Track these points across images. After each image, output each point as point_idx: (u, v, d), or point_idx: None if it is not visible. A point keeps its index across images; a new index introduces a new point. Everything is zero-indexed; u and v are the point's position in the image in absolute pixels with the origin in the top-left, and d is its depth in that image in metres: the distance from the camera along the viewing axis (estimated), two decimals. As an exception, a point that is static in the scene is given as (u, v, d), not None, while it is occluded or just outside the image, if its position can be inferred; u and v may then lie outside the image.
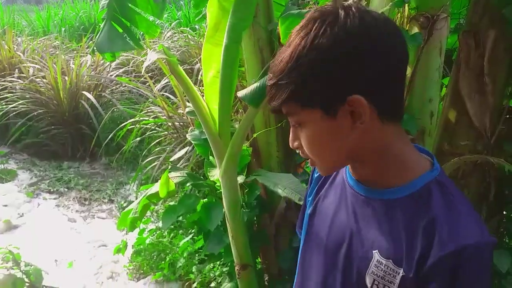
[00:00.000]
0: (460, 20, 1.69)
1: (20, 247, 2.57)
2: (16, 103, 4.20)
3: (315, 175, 0.85)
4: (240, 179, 1.63)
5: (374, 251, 0.68)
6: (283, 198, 1.73)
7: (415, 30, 1.13)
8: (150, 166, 3.11)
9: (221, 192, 1.72)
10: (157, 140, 3.34)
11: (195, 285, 2.12)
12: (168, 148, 3.18)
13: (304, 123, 0.67)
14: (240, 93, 1.13)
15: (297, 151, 0.72)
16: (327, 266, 0.76)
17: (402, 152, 0.69)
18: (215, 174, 1.61)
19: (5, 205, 3.40)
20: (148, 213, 2.83)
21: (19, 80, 4.46)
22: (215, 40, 1.29)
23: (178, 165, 2.67)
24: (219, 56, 1.21)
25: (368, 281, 0.68)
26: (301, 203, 1.42)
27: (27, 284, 2.45)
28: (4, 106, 4.20)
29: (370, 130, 0.65)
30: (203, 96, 1.40)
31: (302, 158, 1.94)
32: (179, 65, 1.29)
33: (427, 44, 1.11)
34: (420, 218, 0.65)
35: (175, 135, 3.30)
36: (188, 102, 3.18)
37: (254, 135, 1.75)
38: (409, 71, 1.14)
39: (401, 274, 0.65)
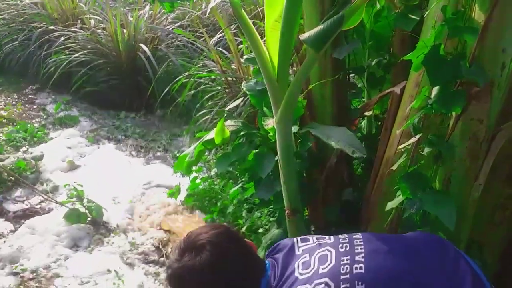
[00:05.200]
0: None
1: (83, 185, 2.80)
2: (79, 53, 4.41)
3: None
4: (294, 129, 1.65)
5: None
6: (334, 153, 1.73)
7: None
8: (202, 119, 3.21)
9: (273, 142, 1.75)
10: (209, 94, 3.41)
11: (243, 230, 2.22)
12: (220, 103, 3.25)
13: None
14: (303, 36, 1.12)
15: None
16: None
17: None
18: (270, 123, 1.64)
19: (69, 147, 3.67)
20: (201, 163, 2.95)
21: (82, 31, 4.66)
22: (279, -16, 1.28)
23: (230, 118, 2.73)
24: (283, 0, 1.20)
25: None
26: (355, 155, 1.43)
27: (89, 218, 2.68)
28: (68, 55, 4.43)
29: None
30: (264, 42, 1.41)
31: (356, 114, 1.92)
32: (242, 9, 1.29)
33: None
34: None
35: (227, 90, 3.35)
36: (242, 57, 3.20)
37: (310, 87, 1.75)
38: (482, 17, 1.08)
39: None
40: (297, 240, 1.06)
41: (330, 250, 0.99)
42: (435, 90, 1.14)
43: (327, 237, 1.07)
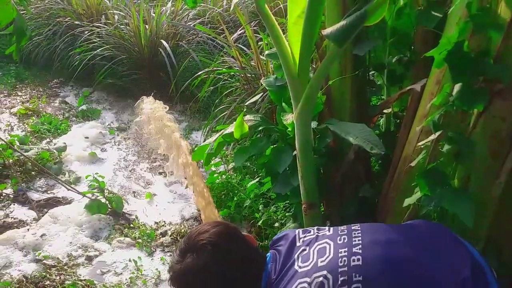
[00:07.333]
0: None
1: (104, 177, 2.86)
2: (102, 48, 4.51)
3: None
4: (313, 124, 1.66)
5: None
6: (351, 149, 1.73)
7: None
8: (221, 115, 3.25)
9: (291, 137, 1.77)
10: (228, 90, 3.45)
11: (259, 223, 2.24)
12: (238, 99, 3.28)
13: None
14: (325, 31, 1.13)
15: None
16: None
17: None
18: (289, 118, 1.65)
19: (91, 140, 3.76)
20: (218, 158, 2.98)
21: (106, 26, 4.76)
22: (302, -21, 1.29)
23: (248, 114, 2.76)
24: (306, -5, 1.21)
25: None
26: (373, 152, 1.44)
27: (109, 209, 2.74)
28: (92, 50, 4.53)
29: None
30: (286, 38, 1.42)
31: (375, 111, 1.92)
32: (265, 4, 1.31)
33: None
34: None
35: (246, 86, 3.37)
36: (261, 53, 3.21)
37: (330, 83, 1.75)
38: (509, 14, 1.06)
39: None
40: (298, 232, 1.09)
41: (329, 242, 1.00)
42: (457, 87, 1.13)
43: (326, 228, 1.08)
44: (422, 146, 1.30)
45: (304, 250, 1.02)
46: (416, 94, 1.57)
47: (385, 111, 1.96)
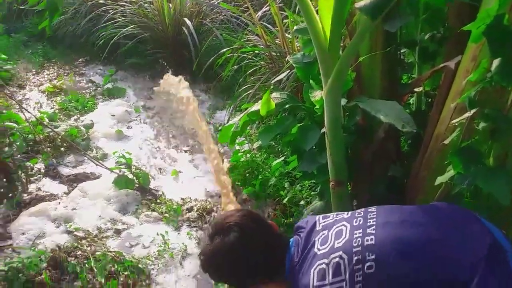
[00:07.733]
0: None
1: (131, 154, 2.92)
2: (127, 28, 4.53)
3: None
4: (342, 102, 1.64)
5: None
6: (381, 127, 1.71)
7: None
8: (245, 94, 3.24)
9: (318, 115, 1.75)
10: (252, 69, 3.42)
11: (284, 201, 2.26)
12: (262, 78, 3.26)
13: None
14: (358, 4, 1.11)
15: None
16: None
17: None
18: (318, 94, 1.64)
19: (117, 117, 3.82)
20: (243, 137, 2.99)
21: (130, 5, 4.77)
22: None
23: (273, 92, 2.74)
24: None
25: None
26: (405, 130, 1.41)
27: (136, 185, 2.81)
28: (116, 29, 4.56)
29: None
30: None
31: (406, 90, 1.88)
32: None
33: None
34: None
35: (270, 65, 3.34)
36: (287, 31, 3.16)
37: (360, 59, 1.72)
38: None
39: None
40: (318, 218, 1.16)
41: (346, 225, 1.06)
42: (496, 62, 1.09)
43: (345, 213, 1.14)
44: (456, 124, 1.27)
45: (323, 233, 1.08)
46: (449, 71, 1.52)
47: (416, 89, 1.92)
